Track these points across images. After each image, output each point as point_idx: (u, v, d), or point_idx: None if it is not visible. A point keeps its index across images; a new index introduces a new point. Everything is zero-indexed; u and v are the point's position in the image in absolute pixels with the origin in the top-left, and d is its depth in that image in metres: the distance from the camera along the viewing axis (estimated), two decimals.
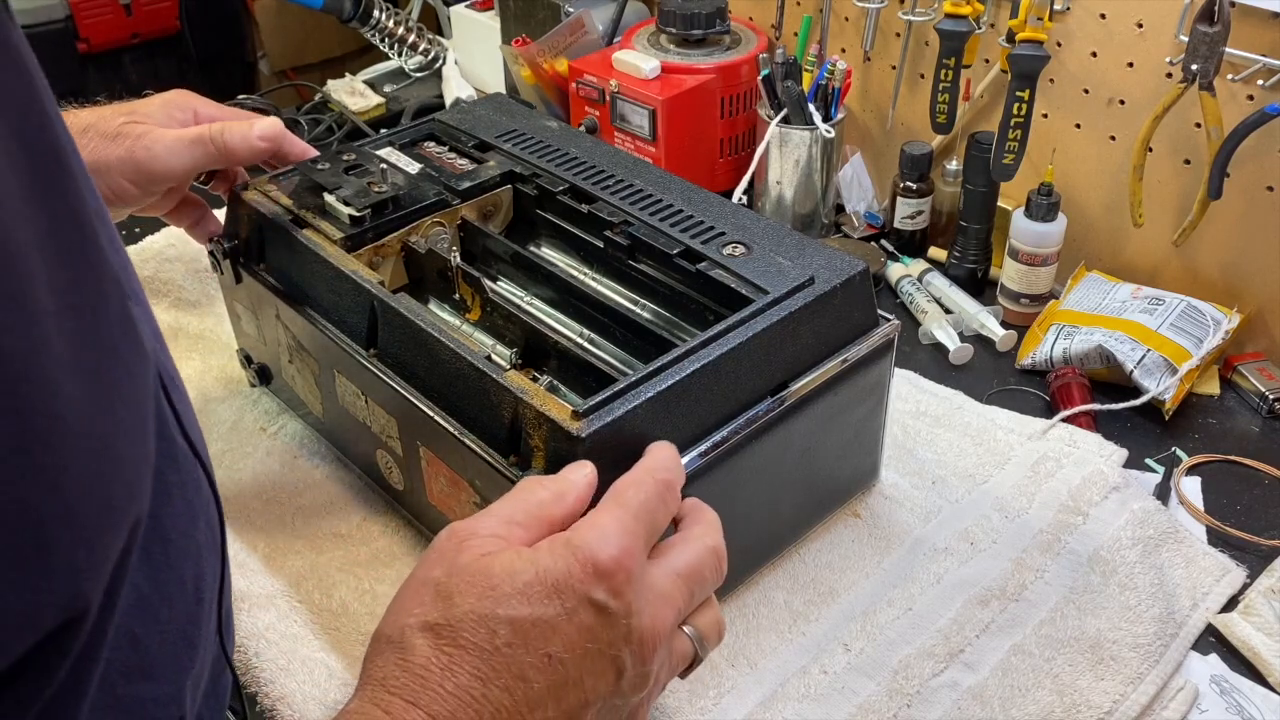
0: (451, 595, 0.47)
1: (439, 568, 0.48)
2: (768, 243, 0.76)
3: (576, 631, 0.47)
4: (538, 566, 0.47)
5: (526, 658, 0.46)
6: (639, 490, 0.52)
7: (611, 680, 0.48)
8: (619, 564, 0.48)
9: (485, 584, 0.47)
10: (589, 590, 0.47)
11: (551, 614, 0.46)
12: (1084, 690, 0.69)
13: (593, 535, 0.49)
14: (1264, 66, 0.88)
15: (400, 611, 0.48)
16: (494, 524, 0.50)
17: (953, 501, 0.83)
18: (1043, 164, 1.01)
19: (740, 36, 1.20)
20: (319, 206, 0.82)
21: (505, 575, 0.47)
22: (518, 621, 0.46)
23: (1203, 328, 0.93)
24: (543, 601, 0.46)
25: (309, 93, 1.49)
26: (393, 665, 0.46)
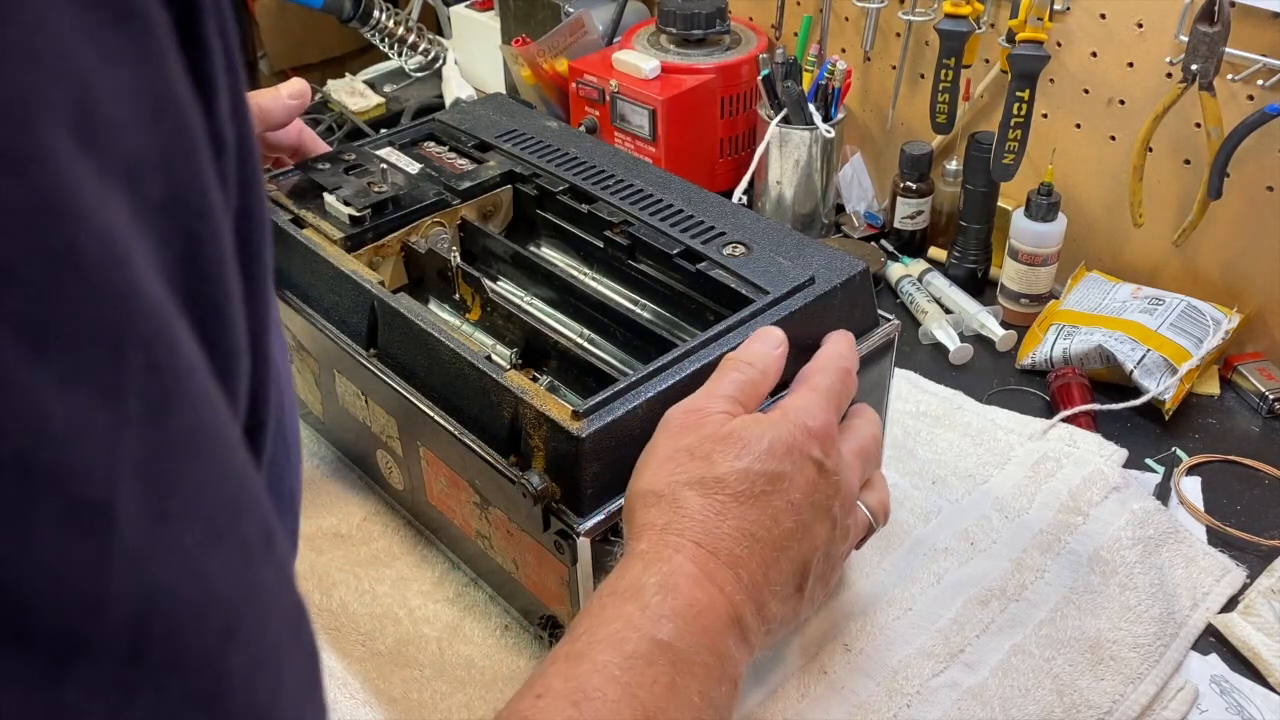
0: (710, 455, 0.56)
1: (687, 437, 0.57)
2: (768, 243, 0.76)
3: (806, 484, 0.57)
4: (774, 432, 0.57)
5: (778, 502, 0.55)
6: (825, 375, 0.63)
7: (829, 529, 0.58)
8: (827, 430, 0.59)
9: (740, 445, 0.56)
10: (810, 449, 0.57)
11: (789, 468, 0.56)
12: (1084, 690, 0.69)
13: (802, 407, 0.59)
14: (1264, 66, 0.88)
15: (662, 473, 0.57)
16: (720, 402, 0.59)
17: (953, 501, 0.83)
18: (1043, 164, 1.01)
19: (740, 36, 1.20)
20: (319, 206, 0.82)
21: (754, 438, 0.56)
22: (770, 474, 0.56)
23: (1203, 328, 0.93)
24: (783, 458, 0.56)
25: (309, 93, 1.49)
26: (671, 513, 0.55)
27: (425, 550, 0.80)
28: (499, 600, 0.76)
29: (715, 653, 0.52)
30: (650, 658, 0.49)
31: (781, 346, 0.63)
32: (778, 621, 0.57)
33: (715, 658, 0.51)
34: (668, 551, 0.53)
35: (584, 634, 0.51)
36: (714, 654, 0.52)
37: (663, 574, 0.53)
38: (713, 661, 0.51)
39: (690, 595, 0.52)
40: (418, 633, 0.74)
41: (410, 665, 0.72)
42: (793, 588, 0.57)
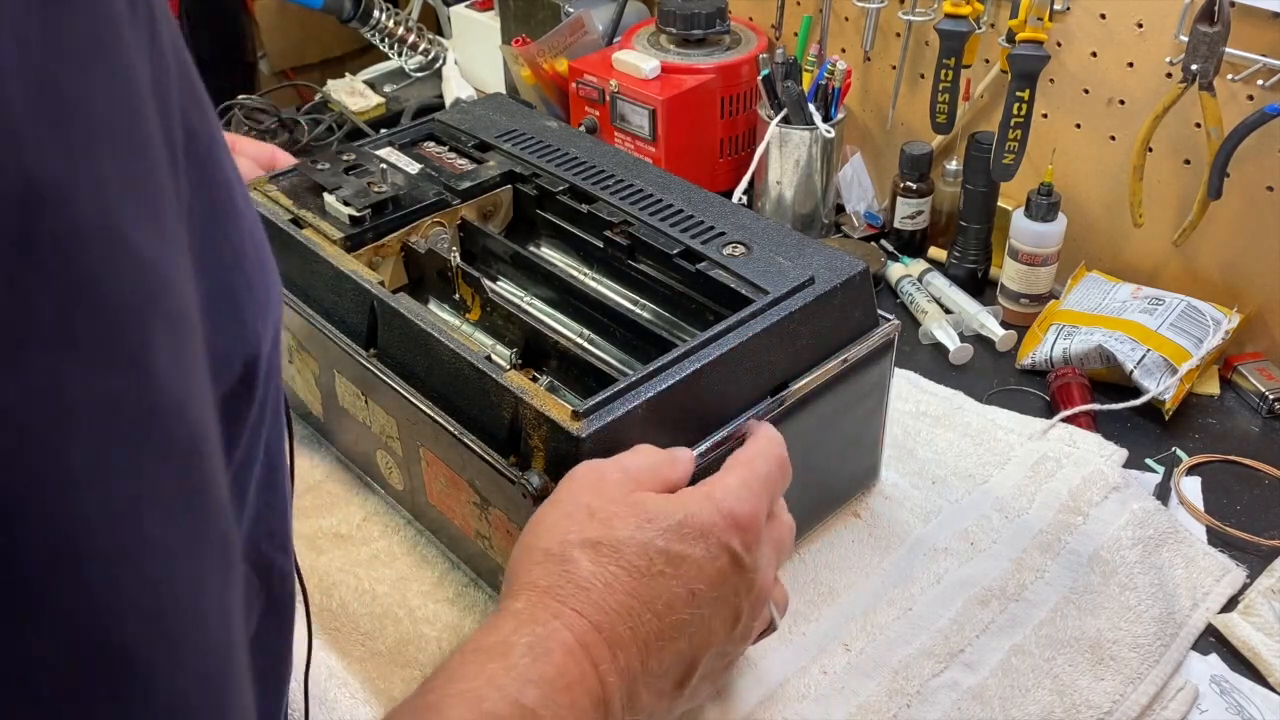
0: (610, 520, 0.51)
1: (587, 495, 0.53)
2: (768, 243, 0.76)
3: (716, 575, 0.52)
4: (686, 510, 0.52)
5: (676, 589, 0.51)
6: (764, 462, 0.58)
7: (730, 626, 0.54)
8: (753, 521, 0.54)
9: (642, 515, 0.52)
10: (729, 540, 0.53)
11: (699, 554, 0.51)
12: (1084, 690, 0.69)
13: (733, 491, 0.55)
14: (1264, 66, 0.88)
15: (557, 529, 0.52)
16: (627, 469, 0.55)
17: (953, 501, 0.83)
18: (1043, 164, 1.01)
19: (740, 36, 1.20)
20: (319, 206, 0.82)
21: (659, 512, 0.52)
22: (672, 555, 0.51)
23: (1203, 328, 0.93)
24: (692, 541, 0.52)
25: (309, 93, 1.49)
26: (557, 575, 0.50)
27: (425, 550, 0.80)
28: (499, 601, 0.75)
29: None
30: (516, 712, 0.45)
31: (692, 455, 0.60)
32: (645, 715, 0.52)
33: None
34: (545, 615, 0.49)
35: (438, 687, 0.46)
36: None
37: (536, 636, 0.48)
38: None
39: (562, 664, 0.47)
40: (418, 633, 0.74)
41: (410, 665, 0.72)
42: (672, 683, 0.52)
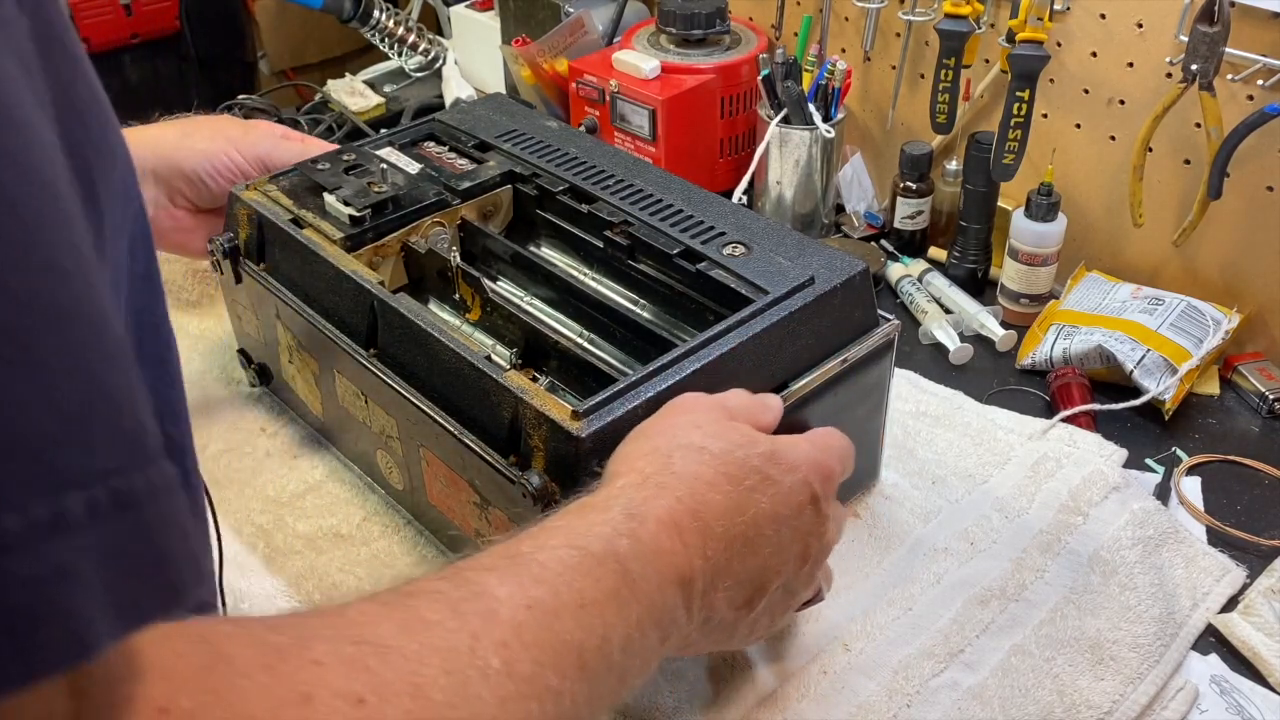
0: (716, 434, 0.56)
1: (693, 414, 0.58)
2: (768, 243, 0.76)
3: (798, 506, 0.57)
4: (780, 444, 0.58)
5: (764, 505, 0.55)
6: (841, 441, 0.64)
7: (800, 563, 0.58)
8: (834, 477, 0.60)
9: (745, 438, 0.57)
10: (813, 480, 0.58)
11: (787, 483, 0.56)
12: (1084, 690, 0.69)
13: (819, 442, 0.61)
14: (1264, 66, 0.88)
15: (664, 433, 0.57)
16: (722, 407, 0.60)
17: (953, 501, 0.83)
18: (1043, 164, 1.01)
19: (740, 36, 1.20)
20: (319, 206, 0.82)
21: (757, 439, 0.57)
22: (765, 475, 0.56)
23: (1203, 328, 0.93)
24: (783, 471, 0.57)
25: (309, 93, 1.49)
26: (660, 465, 0.54)
27: (425, 550, 0.80)
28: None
29: (661, 596, 0.50)
30: (601, 558, 0.48)
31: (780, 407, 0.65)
32: (716, 621, 0.55)
33: (660, 599, 0.50)
34: (646, 492, 0.52)
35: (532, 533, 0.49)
36: (660, 596, 0.50)
37: (634, 502, 0.51)
38: (658, 601, 0.50)
39: (656, 532, 0.51)
40: None
41: None
42: (744, 596, 0.56)
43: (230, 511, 0.84)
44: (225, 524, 0.82)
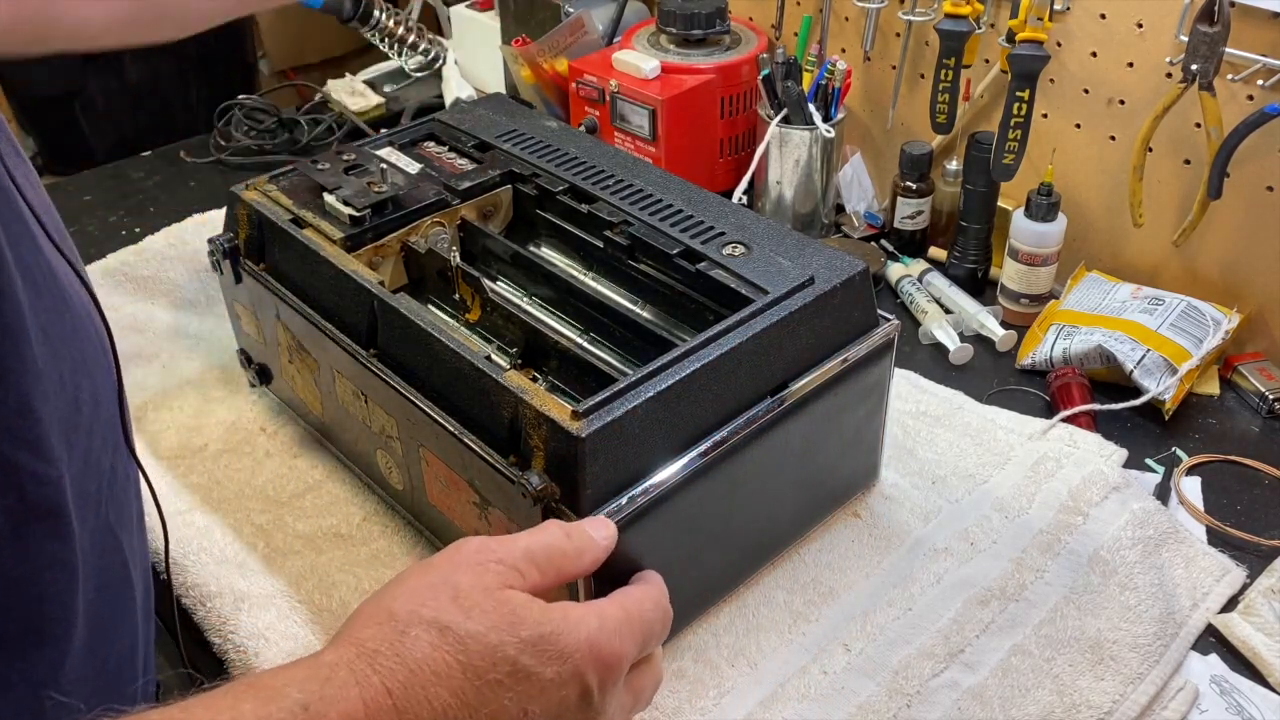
0: (471, 611, 0.46)
1: (462, 575, 0.48)
2: (768, 243, 0.76)
3: (558, 703, 0.47)
4: (554, 627, 0.48)
5: (509, 704, 0.46)
6: (654, 608, 0.54)
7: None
8: (617, 661, 0.49)
9: (510, 618, 0.47)
10: (585, 671, 0.48)
11: (548, 675, 0.47)
12: (1084, 690, 0.69)
13: (607, 623, 0.50)
14: (1264, 66, 0.88)
15: (414, 597, 0.48)
16: (518, 556, 0.50)
17: (953, 501, 0.83)
18: (1043, 164, 1.01)
19: (740, 36, 1.20)
20: (319, 206, 0.82)
21: (526, 619, 0.47)
22: (519, 667, 0.46)
23: (1203, 328, 0.93)
24: (546, 661, 0.47)
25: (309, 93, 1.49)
26: (388, 643, 0.45)
27: (425, 550, 0.80)
28: None
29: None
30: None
31: (610, 540, 0.55)
32: None
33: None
34: (348, 678, 0.45)
35: (191, 706, 0.42)
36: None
37: (319, 697, 0.43)
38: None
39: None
40: None
41: None
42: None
43: (230, 511, 0.84)
44: (225, 524, 0.83)
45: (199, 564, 0.78)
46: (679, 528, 0.67)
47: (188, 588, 0.77)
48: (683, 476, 0.65)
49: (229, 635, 0.73)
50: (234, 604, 0.75)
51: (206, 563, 0.78)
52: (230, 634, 0.73)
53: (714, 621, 0.74)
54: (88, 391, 0.52)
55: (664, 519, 0.65)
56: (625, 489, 0.63)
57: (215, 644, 0.74)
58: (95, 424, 0.53)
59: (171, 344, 1.01)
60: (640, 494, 0.63)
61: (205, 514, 0.83)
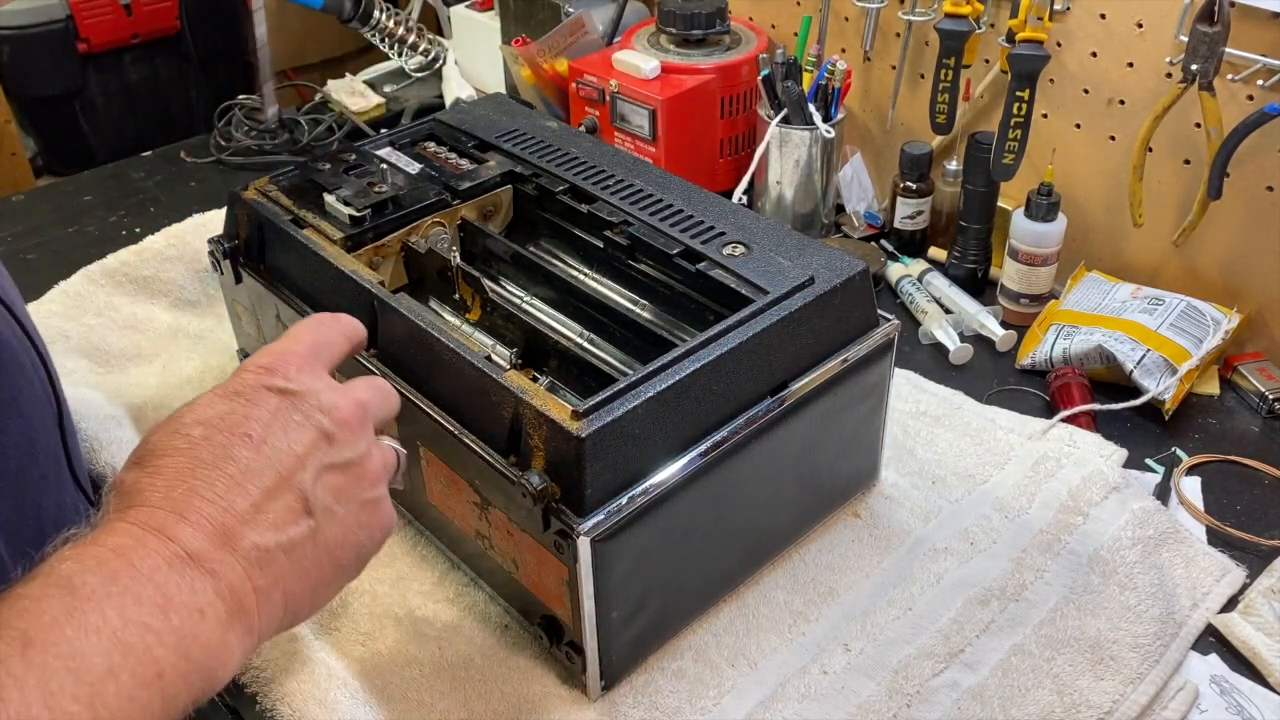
0: (146, 438, 0.49)
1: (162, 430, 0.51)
2: (768, 243, 0.76)
3: (268, 413, 0.50)
4: (212, 391, 0.51)
5: (225, 439, 0.48)
6: (300, 326, 0.57)
7: (316, 438, 0.51)
8: (284, 356, 0.52)
9: (171, 418, 0.50)
10: (263, 381, 0.51)
11: (237, 407, 0.50)
12: (1084, 690, 0.69)
13: (260, 352, 0.53)
14: (1264, 66, 0.88)
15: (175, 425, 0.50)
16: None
17: (953, 501, 0.83)
18: (1043, 164, 1.01)
19: (740, 36, 1.20)
20: (319, 206, 0.82)
21: (185, 407, 0.50)
22: (206, 420, 0.49)
23: (1202, 328, 0.93)
24: (224, 401, 0.50)
25: (309, 93, 1.49)
26: (112, 501, 0.47)
27: (425, 550, 0.80)
28: (499, 600, 0.76)
29: (146, 583, 0.43)
30: (41, 592, 0.41)
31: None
32: (283, 545, 0.48)
33: (148, 588, 0.43)
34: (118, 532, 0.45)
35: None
36: (141, 584, 0.43)
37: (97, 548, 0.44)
38: (144, 591, 0.43)
39: (110, 544, 0.44)
40: (417, 632, 0.74)
41: (410, 665, 0.72)
42: (282, 511, 0.48)
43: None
44: None
45: None
46: (679, 527, 0.67)
47: None
48: (683, 476, 0.65)
49: None
50: None
51: None
52: None
53: (714, 621, 0.74)
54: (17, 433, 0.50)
55: (664, 519, 0.65)
56: (625, 489, 0.63)
57: None
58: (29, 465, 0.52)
59: (171, 344, 1.01)
60: (640, 494, 0.63)
61: None
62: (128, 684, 0.40)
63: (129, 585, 0.42)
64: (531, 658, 0.72)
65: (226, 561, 0.45)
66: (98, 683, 0.39)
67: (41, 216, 1.27)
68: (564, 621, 0.68)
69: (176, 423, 0.49)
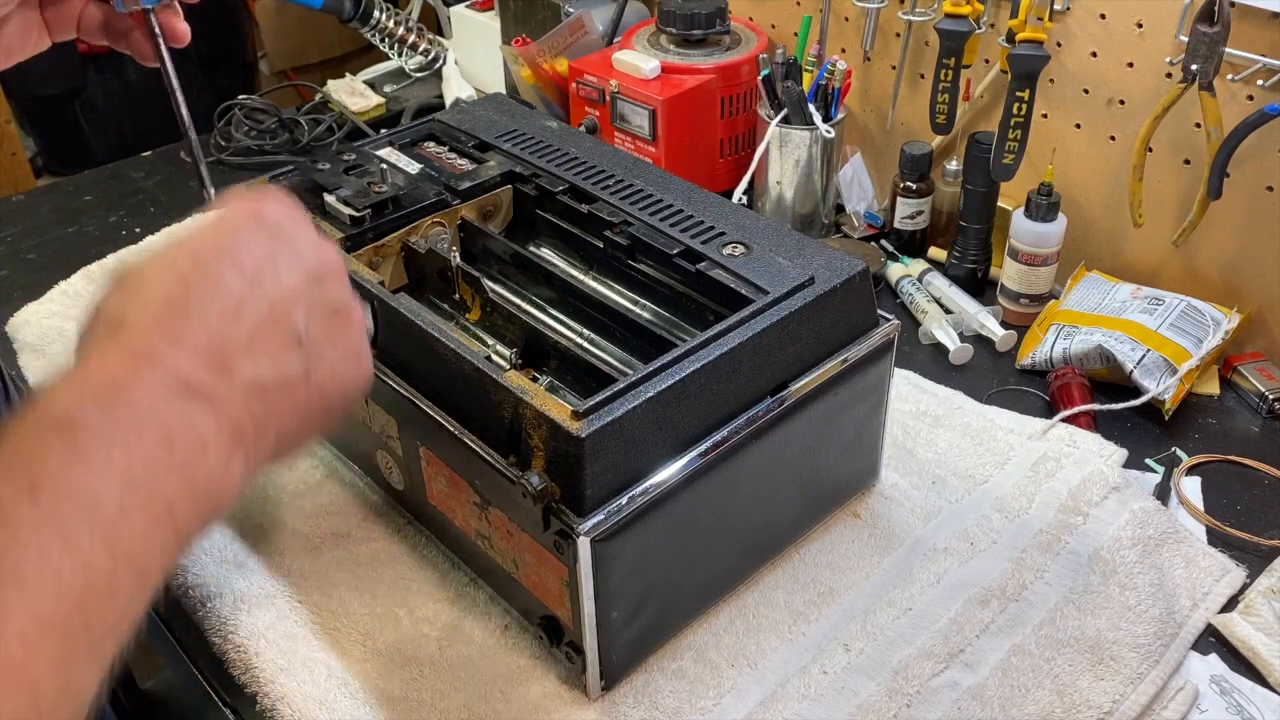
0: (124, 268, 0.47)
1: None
2: (768, 243, 0.76)
3: (261, 251, 0.49)
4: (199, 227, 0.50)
5: (218, 271, 0.47)
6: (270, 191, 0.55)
7: (308, 279, 0.50)
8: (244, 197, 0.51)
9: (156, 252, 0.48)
10: (245, 209, 0.50)
11: (228, 243, 0.48)
12: (1084, 690, 0.69)
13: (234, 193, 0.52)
14: (1264, 66, 0.88)
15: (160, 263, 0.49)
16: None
17: (953, 501, 0.83)
18: (1043, 164, 1.01)
19: (740, 36, 1.20)
20: (319, 206, 0.82)
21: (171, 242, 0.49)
22: (196, 253, 0.48)
23: (1202, 328, 0.93)
24: (214, 236, 0.49)
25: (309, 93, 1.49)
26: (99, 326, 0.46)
27: (425, 550, 0.80)
28: (499, 600, 0.76)
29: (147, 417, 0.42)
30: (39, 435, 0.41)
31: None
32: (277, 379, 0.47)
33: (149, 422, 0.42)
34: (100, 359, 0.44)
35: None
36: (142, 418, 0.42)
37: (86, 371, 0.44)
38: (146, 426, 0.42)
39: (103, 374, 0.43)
40: (418, 632, 0.74)
41: (410, 665, 0.72)
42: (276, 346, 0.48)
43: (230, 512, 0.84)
44: (225, 524, 0.83)
45: (199, 564, 0.78)
46: (679, 527, 0.67)
47: (188, 588, 0.77)
48: (683, 476, 0.65)
49: (229, 635, 0.73)
50: (234, 604, 0.75)
51: (206, 563, 0.78)
52: (230, 634, 0.73)
53: (714, 621, 0.74)
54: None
55: (664, 519, 0.65)
56: (625, 489, 0.63)
57: (215, 644, 0.74)
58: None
59: None
60: (640, 494, 0.63)
61: None
62: (141, 522, 0.40)
63: (130, 421, 0.41)
64: (531, 658, 0.72)
65: (224, 391, 0.45)
66: (112, 524, 0.39)
67: (41, 216, 1.27)
68: (564, 622, 0.68)
69: (163, 255, 0.48)
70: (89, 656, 0.39)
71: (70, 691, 0.38)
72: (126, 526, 0.40)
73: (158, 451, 0.42)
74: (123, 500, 0.40)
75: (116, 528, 0.39)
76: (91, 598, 0.38)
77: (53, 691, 0.37)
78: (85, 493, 0.39)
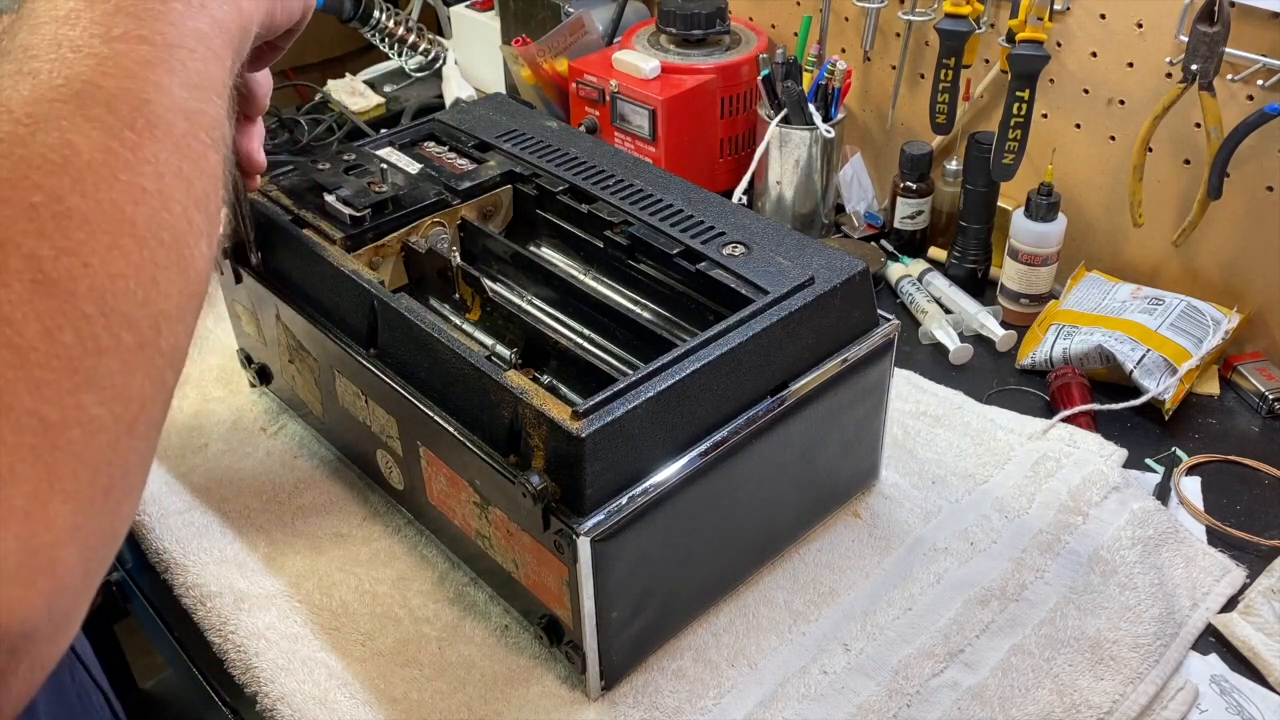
0: None
1: None
2: (768, 243, 0.76)
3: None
4: None
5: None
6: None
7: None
8: None
9: None
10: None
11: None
12: (1084, 690, 0.69)
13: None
14: (1264, 66, 0.88)
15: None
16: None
17: (953, 501, 0.83)
18: (1043, 164, 1.01)
19: (740, 36, 1.20)
20: (319, 206, 0.82)
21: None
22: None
23: (1202, 328, 0.93)
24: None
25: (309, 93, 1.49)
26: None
27: (425, 550, 0.80)
28: (499, 600, 0.76)
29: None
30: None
31: None
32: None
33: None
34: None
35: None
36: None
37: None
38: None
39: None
40: (418, 633, 0.74)
41: (410, 665, 0.72)
42: None
43: (230, 511, 0.84)
44: (225, 524, 0.83)
45: (199, 564, 0.78)
46: (679, 527, 0.67)
47: (188, 588, 0.77)
48: (683, 476, 0.65)
49: (229, 635, 0.73)
50: (234, 604, 0.75)
51: (206, 563, 0.78)
52: (230, 634, 0.73)
53: (714, 621, 0.74)
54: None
55: (664, 519, 0.65)
56: (625, 489, 0.63)
57: (215, 644, 0.74)
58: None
59: None
60: (640, 494, 0.63)
61: (205, 513, 0.83)
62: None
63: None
64: (531, 658, 0.72)
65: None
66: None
67: None
68: (564, 621, 0.68)
69: None
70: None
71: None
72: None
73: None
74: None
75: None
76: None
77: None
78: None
